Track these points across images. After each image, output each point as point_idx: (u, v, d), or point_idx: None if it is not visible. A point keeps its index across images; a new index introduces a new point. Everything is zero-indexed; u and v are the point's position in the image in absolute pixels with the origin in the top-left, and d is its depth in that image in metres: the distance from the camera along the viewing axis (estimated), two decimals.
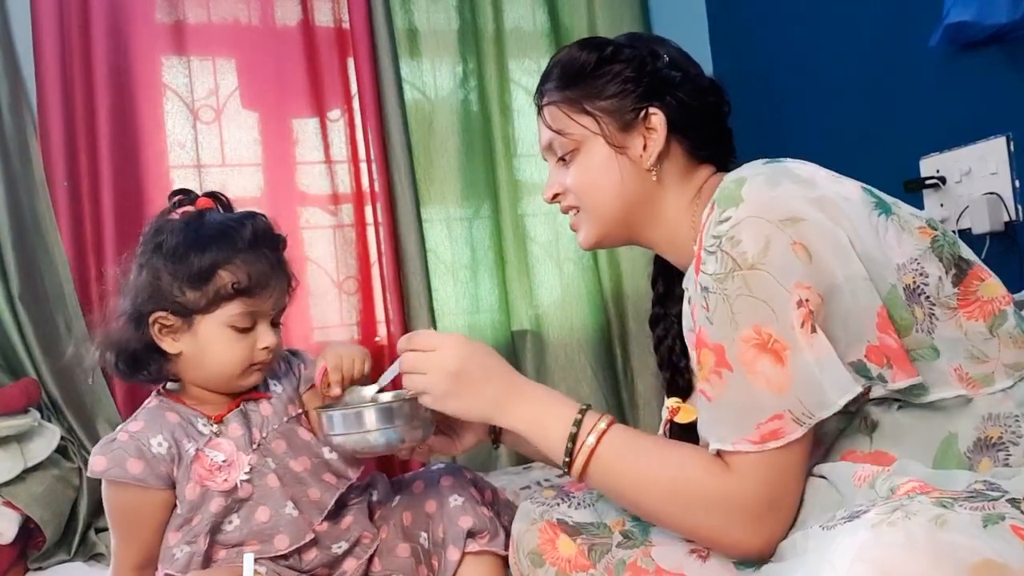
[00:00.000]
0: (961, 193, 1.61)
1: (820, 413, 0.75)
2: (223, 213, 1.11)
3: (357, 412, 0.97)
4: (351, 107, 2.06)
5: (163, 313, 1.04)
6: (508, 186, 2.16)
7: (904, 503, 0.59)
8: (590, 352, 2.17)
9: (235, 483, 1.05)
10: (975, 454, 0.78)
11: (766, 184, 0.79)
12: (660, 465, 0.83)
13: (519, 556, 0.96)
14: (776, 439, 0.75)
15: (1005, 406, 0.78)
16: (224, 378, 1.07)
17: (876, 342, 0.77)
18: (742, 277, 0.77)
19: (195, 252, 1.02)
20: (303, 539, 1.06)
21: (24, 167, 1.82)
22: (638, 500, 0.85)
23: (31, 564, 1.59)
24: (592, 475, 0.86)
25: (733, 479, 0.78)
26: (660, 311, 1.07)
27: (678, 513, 0.82)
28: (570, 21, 2.24)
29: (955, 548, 0.55)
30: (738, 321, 0.77)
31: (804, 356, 0.75)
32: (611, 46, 0.97)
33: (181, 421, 1.07)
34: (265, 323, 1.07)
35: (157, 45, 1.94)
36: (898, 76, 1.75)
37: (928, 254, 0.80)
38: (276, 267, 1.07)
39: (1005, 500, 0.60)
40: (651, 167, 0.94)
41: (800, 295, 0.75)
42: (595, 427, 0.86)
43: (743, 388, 0.77)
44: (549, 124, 0.99)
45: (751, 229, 0.77)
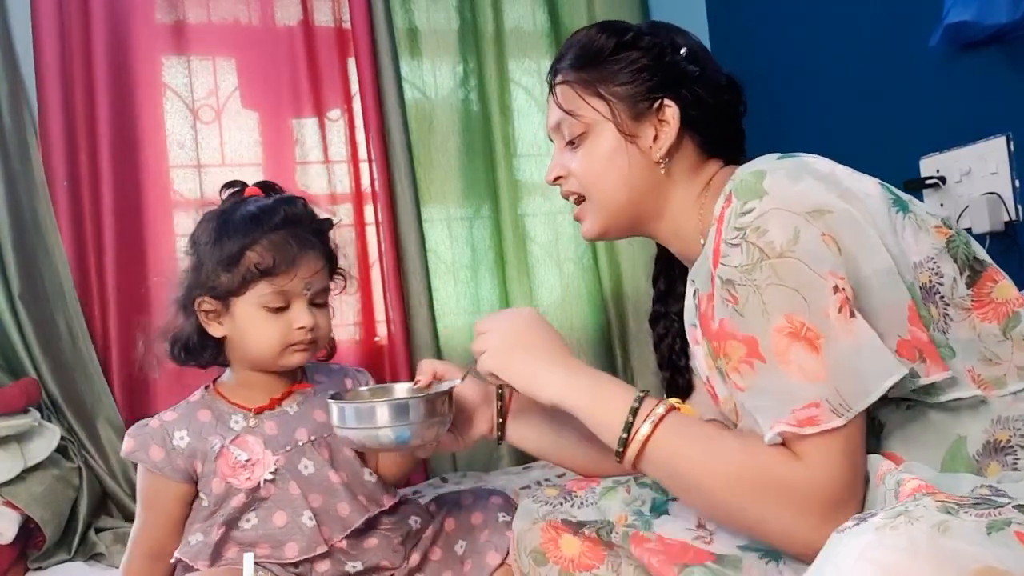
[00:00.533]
0: (961, 193, 1.61)
1: (859, 404, 0.72)
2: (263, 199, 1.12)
3: (370, 407, 0.94)
4: (351, 107, 2.06)
5: (205, 297, 1.07)
6: (508, 186, 2.16)
7: (909, 508, 0.59)
8: (590, 352, 2.17)
9: (258, 482, 1.06)
10: (983, 457, 0.77)
11: (788, 177, 0.78)
12: (724, 450, 0.78)
13: (520, 554, 0.95)
14: (812, 425, 0.72)
15: (1015, 409, 0.78)
16: (265, 358, 1.09)
17: (908, 336, 0.76)
18: (771, 266, 0.75)
19: (226, 236, 1.06)
20: (313, 551, 1.06)
21: (24, 167, 1.82)
22: (698, 488, 0.79)
23: (31, 564, 1.59)
24: (646, 463, 0.82)
25: (802, 467, 0.74)
26: (661, 309, 1.07)
27: (743, 502, 0.76)
28: (570, 21, 2.24)
29: (957, 554, 0.55)
30: (770, 311, 0.75)
31: (840, 344, 0.73)
32: (631, 32, 0.95)
33: (212, 419, 1.10)
34: (300, 303, 1.08)
35: (157, 45, 1.94)
36: (898, 76, 1.75)
37: (943, 254, 0.79)
38: (306, 247, 1.08)
39: (1012, 506, 0.60)
40: (660, 159, 0.92)
41: (835, 282, 0.73)
42: (652, 413, 0.81)
43: (776, 378, 0.74)
44: (560, 104, 0.97)
45: (778, 219, 0.75)
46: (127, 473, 1.80)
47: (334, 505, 1.08)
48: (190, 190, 1.95)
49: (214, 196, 1.91)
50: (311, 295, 1.09)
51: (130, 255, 1.88)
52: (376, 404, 0.94)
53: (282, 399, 1.13)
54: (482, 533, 1.12)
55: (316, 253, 1.10)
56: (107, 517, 1.76)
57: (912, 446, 0.79)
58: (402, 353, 1.98)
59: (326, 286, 1.12)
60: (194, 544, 1.06)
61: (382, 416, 0.92)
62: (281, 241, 1.06)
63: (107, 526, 1.72)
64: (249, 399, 1.12)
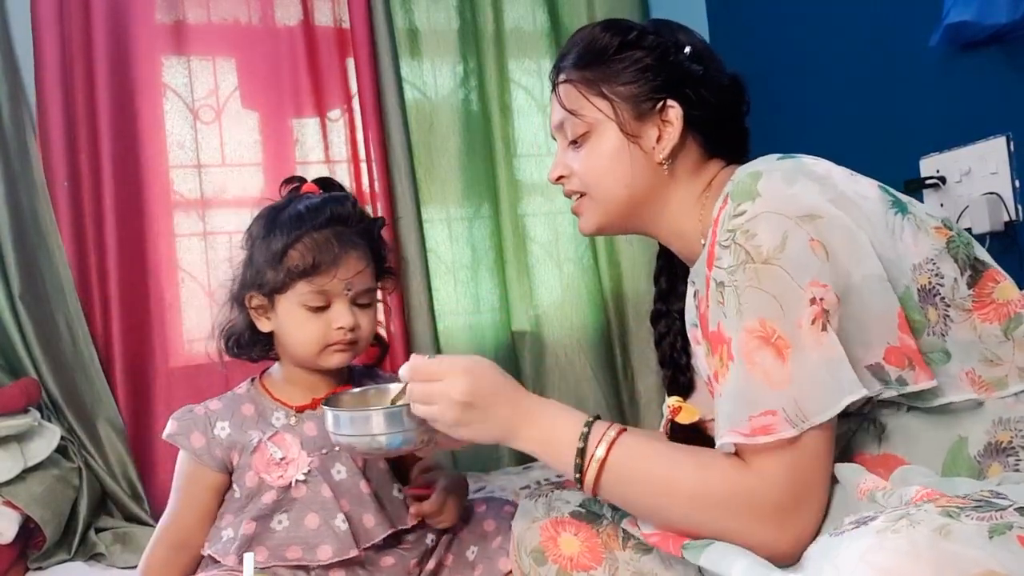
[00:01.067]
0: (961, 193, 1.61)
1: (815, 419, 0.73)
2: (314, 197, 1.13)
3: (365, 415, 0.94)
4: (351, 107, 2.06)
5: (254, 293, 1.09)
6: (508, 186, 2.16)
7: (911, 511, 0.59)
8: (590, 352, 2.17)
9: (290, 481, 1.06)
10: (985, 459, 0.77)
11: (783, 180, 0.78)
12: (675, 468, 0.80)
13: (521, 555, 0.95)
14: (766, 435, 0.74)
15: (1016, 410, 0.77)
16: (305, 356, 1.10)
17: (897, 343, 0.76)
18: (754, 270, 0.75)
19: (273, 233, 1.08)
20: (346, 554, 1.05)
21: (24, 167, 1.82)
22: (654, 505, 0.82)
23: (31, 564, 1.59)
24: (605, 487, 0.83)
25: (753, 474, 0.75)
26: (662, 308, 1.06)
27: (702, 517, 0.78)
28: (570, 21, 2.24)
29: (958, 558, 0.55)
30: (744, 312, 0.75)
31: (807, 355, 0.73)
32: (635, 31, 0.94)
33: (255, 413, 1.11)
34: (341, 303, 1.08)
35: (157, 45, 1.94)
36: (898, 76, 1.75)
37: (944, 254, 0.79)
38: (349, 247, 1.08)
39: (1013, 509, 0.59)
40: (663, 160, 0.92)
41: (814, 293, 0.74)
42: (604, 436, 0.82)
43: (741, 378, 0.75)
44: (563, 103, 0.96)
45: (768, 223, 0.75)
46: (127, 473, 1.81)
47: (361, 514, 1.08)
48: (190, 190, 1.95)
49: (214, 196, 1.91)
50: (353, 295, 1.08)
51: (130, 255, 1.88)
52: (372, 412, 0.94)
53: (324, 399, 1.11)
54: (494, 540, 1.12)
55: (359, 253, 1.09)
56: (107, 517, 1.76)
57: (913, 448, 0.79)
58: (402, 353, 1.98)
59: (370, 287, 1.11)
60: (224, 540, 1.06)
61: (376, 423, 0.92)
62: (324, 241, 1.06)
63: (107, 526, 1.72)
64: (292, 396, 1.13)
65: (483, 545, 1.13)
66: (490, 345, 2.12)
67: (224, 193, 1.97)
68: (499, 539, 1.11)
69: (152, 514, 1.76)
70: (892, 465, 0.78)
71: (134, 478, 1.80)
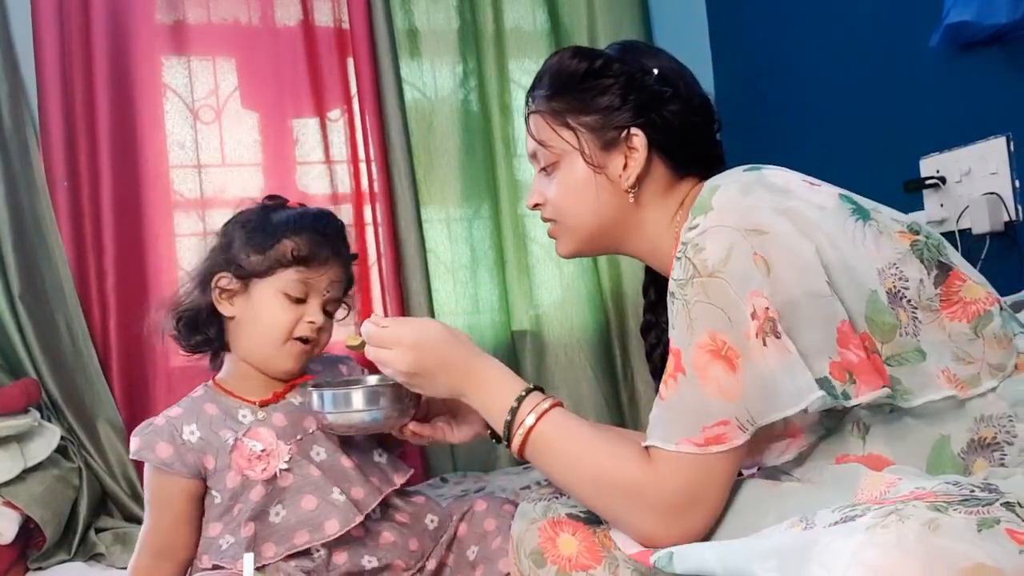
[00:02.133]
0: (961, 193, 1.61)
1: (762, 420, 0.77)
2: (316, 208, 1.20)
3: (345, 393, 1.03)
4: (351, 107, 2.06)
5: (225, 274, 1.11)
6: (508, 186, 2.16)
7: (899, 507, 0.59)
8: (590, 352, 2.17)
9: (275, 472, 1.07)
10: (969, 455, 0.78)
11: (739, 192, 0.80)
12: (588, 451, 0.85)
13: (520, 557, 0.95)
14: (719, 444, 0.77)
15: (998, 407, 0.78)
16: (266, 346, 1.11)
17: (837, 358, 0.78)
18: (701, 284, 0.78)
19: (269, 223, 1.12)
20: (353, 522, 1.07)
21: (24, 167, 1.82)
22: (567, 481, 0.88)
23: (31, 564, 1.59)
24: (529, 453, 0.89)
25: (652, 473, 0.80)
26: (652, 318, 1.08)
27: (598, 497, 0.85)
28: (570, 21, 2.24)
29: (948, 552, 0.55)
30: (694, 327, 0.78)
31: (755, 365, 0.76)
32: (601, 59, 0.95)
33: (220, 413, 1.11)
34: (316, 301, 1.12)
35: (157, 45, 1.94)
36: (898, 76, 1.75)
37: (908, 257, 0.80)
38: (337, 256, 1.14)
39: (1000, 504, 0.60)
40: (629, 188, 0.93)
41: (755, 304, 0.76)
42: (536, 407, 0.88)
43: (694, 392, 0.78)
44: (532, 134, 0.99)
45: (715, 237, 0.78)
46: (127, 473, 1.81)
47: (348, 489, 1.09)
48: (190, 190, 1.95)
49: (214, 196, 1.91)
50: (327, 299, 1.13)
51: (130, 255, 1.88)
52: (352, 390, 1.04)
53: (284, 392, 1.14)
54: (495, 540, 1.12)
55: (342, 269, 1.15)
56: (107, 517, 1.76)
57: (897, 447, 0.80)
58: None
59: (340, 299, 1.16)
60: (226, 548, 1.06)
61: (357, 401, 1.03)
62: (319, 240, 1.11)
63: (107, 526, 1.72)
64: (251, 392, 1.13)
65: (483, 545, 1.13)
66: (490, 345, 2.12)
67: (224, 193, 1.97)
68: (499, 539, 1.11)
69: None
70: (876, 465, 0.78)
71: (134, 478, 1.80)
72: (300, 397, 1.14)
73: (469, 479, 1.98)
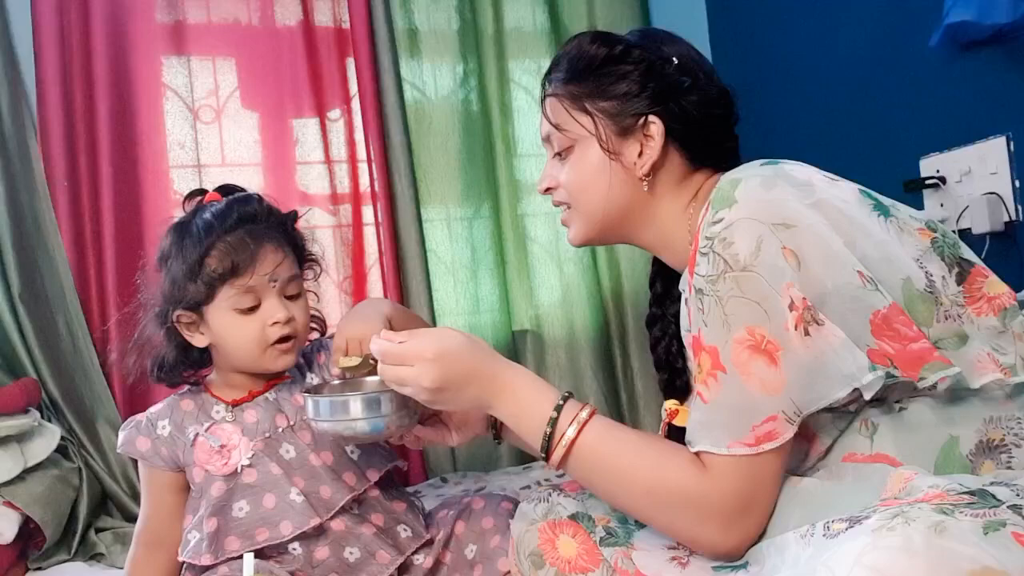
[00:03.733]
0: (961, 193, 1.61)
1: (808, 409, 0.76)
2: (219, 204, 1.12)
3: (343, 400, 0.96)
4: (351, 107, 2.06)
5: (181, 311, 1.08)
6: (508, 186, 2.16)
7: (905, 509, 0.59)
8: (590, 352, 2.17)
9: (235, 468, 1.07)
10: (977, 457, 0.77)
11: (761, 186, 0.79)
12: (639, 460, 0.83)
13: (520, 558, 0.95)
14: (771, 441, 0.76)
15: (1007, 409, 0.78)
16: (249, 361, 1.09)
17: (875, 346, 0.77)
18: (734, 279, 0.76)
19: (186, 247, 1.07)
20: (307, 525, 1.06)
21: (24, 167, 1.82)
22: (615, 493, 0.85)
23: (31, 564, 1.59)
24: (571, 466, 0.86)
25: (709, 480, 0.78)
26: (657, 311, 1.07)
27: (653, 509, 0.82)
28: (570, 21, 2.24)
29: (954, 555, 0.55)
30: (731, 323, 0.77)
31: (797, 356, 0.75)
32: (621, 45, 0.94)
33: (194, 409, 1.12)
34: (271, 298, 1.07)
35: (157, 45, 1.94)
36: (898, 76, 1.75)
37: (930, 254, 0.80)
38: (263, 241, 1.07)
39: (1007, 506, 0.60)
40: (644, 176, 0.93)
41: (792, 295, 0.75)
42: (576, 417, 0.85)
43: (738, 390, 0.76)
44: (548, 117, 0.98)
45: (743, 230, 0.77)
46: (127, 473, 1.81)
47: (317, 487, 1.09)
48: (190, 190, 1.95)
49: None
50: (279, 287, 1.08)
51: (130, 255, 1.87)
52: (349, 398, 0.96)
53: (262, 391, 1.14)
54: (493, 539, 1.11)
55: (275, 245, 1.09)
56: (107, 517, 1.76)
57: (905, 447, 0.79)
58: None
59: (293, 274, 1.11)
60: (194, 543, 1.07)
61: (355, 409, 0.95)
62: (237, 242, 1.06)
63: (107, 526, 1.72)
64: (230, 393, 1.14)
65: (482, 543, 1.13)
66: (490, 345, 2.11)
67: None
68: (497, 538, 1.11)
69: None
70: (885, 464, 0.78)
71: (134, 478, 1.80)
72: (274, 392, 1.14)
73: (469, 479, 1.98)
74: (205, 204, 1.13)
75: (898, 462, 0.78)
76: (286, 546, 1.07)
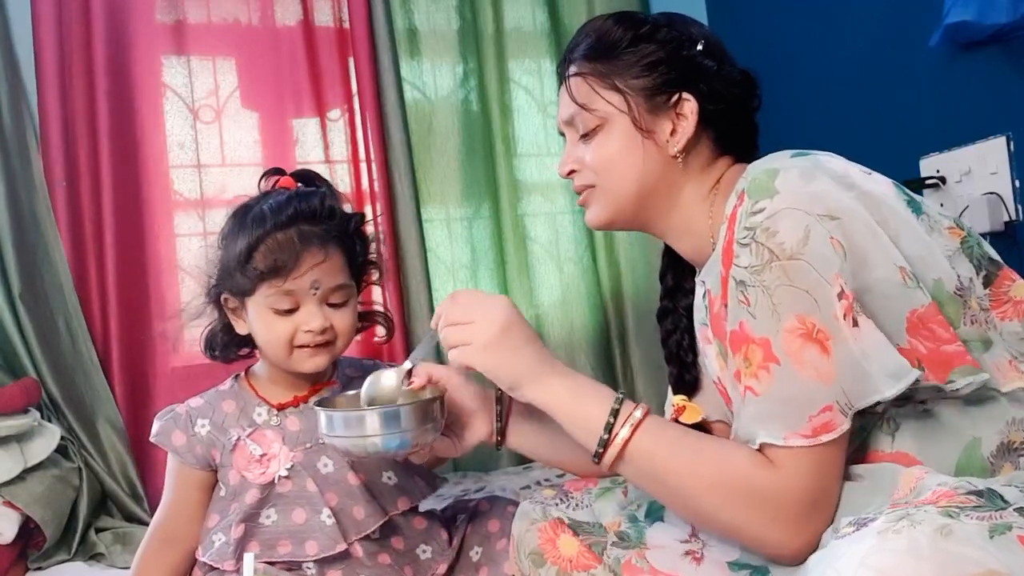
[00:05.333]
0: (961, 193, 1.61)
1: (859, 402, 0.73)
2: (281, 195, 1.08)
3: (359, 415, 0.90)
4: (351, 107, 2.06)
5: (227, 295, 1.07)
6: (508, 186, 2.16)
7: (911, 512, 0.59)
8: (590, 352, 2.17)
9: (273, 477, 1.05)
10: (998, 459, 0.77)
11: (801, 177, 0.77)
12: (702, 456, 0.79)
13: (520, 557, 0.95)
14: (828, 432, 0.73)
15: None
16: (276, 359, 1.06)
17: (906, 345, 0.76)
18: (781, 267, 0.74)
19: (239, 235, 1.03)
20: (332, 550, 1.03)
21: (24, 167, 1.82)
22: (674, 492, 0.81)
23: (31, 564, 1.59)
24: (624, 467, 0.83)
25: (779, 475, 0.74)
26: (669, 305, 1.05)
27: (719, 506, 0.77)
28: (570, 21, 2.24)
29: (959, 558, 0.55)
30: (780, 312, 0.74)
31: (848, 346, 0.73)
32: (648, 24, 0.93)
33: (236, 410, 1.09)
34: (310, 304, 1.03)
35: (157, 45, 1.94)
36: (898, 76, 1.75)
37: (959, 254, 0.79)
38: (313, 245, 1.02)
39: (1013, 509, 0.60)
40: (677, 154, 0.91)
41: (841, 285, 0.73)
42: (630, 416, 0.82)
43: (792, 380, 0.74)
44: (574, 96, 0.94)
45: (789, 220, 0.74)
46: (127, 473, 1.81)
47: (350, 507, 1.06)
48: (190, 190, 1.95)
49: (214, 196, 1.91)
50: (322, 294, 1.04)
51: (130, 255, 1.88)
52: (366, 412, 0.90)
53: (307, 397, 1.11)
54: (499, 541, 1.10)
55: (325, 250, 1.03)
56: (107, 517, 1.76)
57: (926, 446, 0.78)
58: (401, 354, 1.98)
59: (342, 283, 1.06)
60: (218, 546, 1.05)
61: (372, 424, 0.88)
62: (286, 241, 1.01)
63: (107, 526, 1.72)
64: (275, 394, 1.11)
65: (487, 546, 1.12)
66: None
67: (224, 193, 1.97)
68: (503, 540, 1.09)
69: (152, 514, 1.76)
70: (905, 463, 0.77)
71: (134, 478, 1.80)
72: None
73: (469, 479, 1.98)
74: (273, 191, 1.09)
75: (917, 460, 0.77)
76: (300, 563, 1.05)
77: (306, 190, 1.09)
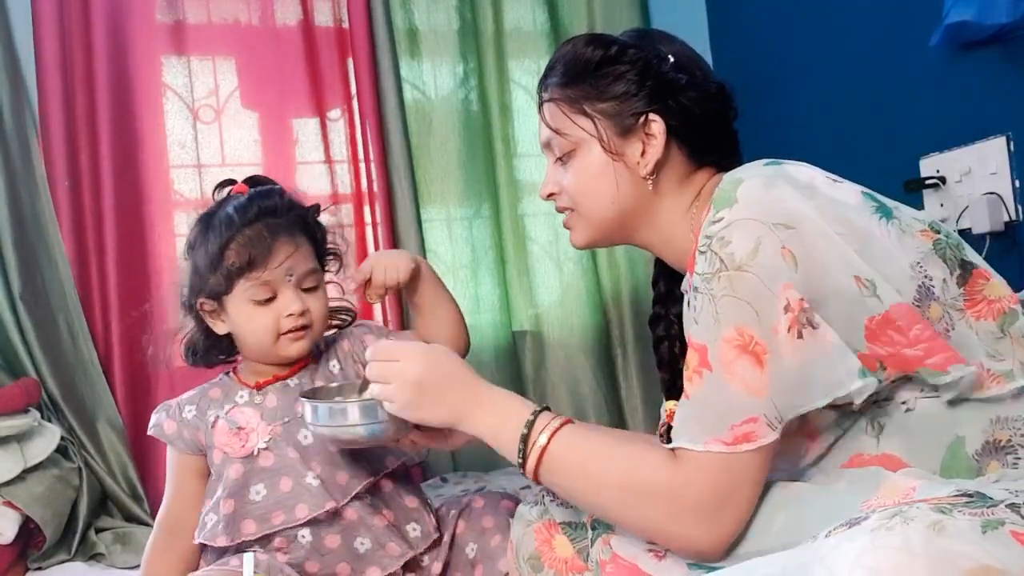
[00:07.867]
0: (961, 193, 1.61)
1: (790, 415, 0.76)
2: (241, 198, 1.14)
3: (342, 407, 0.98)
4: (351, 107, 2.06)
5: (203, 299, 1.12)
6: (508, 186, 2.16)
7: (903, 509, 0.59)
8: (590, 352, 2.17)
9: (252, 450, 1.09)
10: (983, 457, 0.77)
11: (763, 186, 0.78)
12: (611, 461, 0.83)
13: (519, 561, 0.95)
14: (749, 442, 0.75)
15: (1014, 409, 0.78)
16: (263, 349, 1.12)
17: (866, 351, 0.77)
18: (728, 278, 0.76)
19: (208, 239, 1.10)
20: (322, 508, 1.07)
21: (25, 166, 1.82)
22: (588, 497, 0.85)
23: (31, 564, 1.60)
24: (544, 474, 0.86)
25: (682, 474, 0.78)
26: (660, 311, 1.07)
27: (625, 506, 0.82)
28: (570, 21, 2.24)
29: (953, 554, 0.55)
30: (721, 321, 0.76)
31: (784, 361, 0.74)
32: (616, 45, 0.94)
33: (220, 395, 1.15)
34: (287, 291, 1.10)
35: (157, 45, 1.94)
36: (898, 76, 1.75)
37: (931, 256, 0.80)
38: (281, 235, 1.09)
39: (1005, 505, 0.60)
40: (647, 175, 0.92)
41: (788, 297, 0.75)
42: (547, 426, 0.86)
43: (719, 389, 0.76)
44: (547, 122, 0.97)
45: (742, 230, 0.76)
46: (127, 473, 1.81)
47: (334, 474, 1.10)
48: (190, 190, 1.96)
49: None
50: (296, 280, 1.11)
51: (131, 255, 1.88)
52: (348, 404, 0.97)
53: (286, 375, 1.16)
54: (494, 538, 1.11)
55: (294, 240, 1.11)
56: (107, 517, 1.76)
57: (911, 447, 0.79)
58: None
59: (312, 268, 1.13)
60: (210, 525, 1.08)
61: (353, 415, 0.96)
62: (255, 235, 1.08)
63: (107, 526, 1.73)
64: (255, 380, 1.16)
65: (482, 542, 1.13)
66: (490, 345, 2.12)
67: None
68: (498, 537, 1.11)
69: (152, 514, 1.76)
70: (890, 465, 0.78)
71: (134, 478, 1.81)
72: (297, 378, 1.16)
73: (469, 479, 1.98)
74: (230, 196, 1.15)
75: (904, 463, 0.78)
76: (295, 533, 1.07)
77: (264, 189, 1.15)
